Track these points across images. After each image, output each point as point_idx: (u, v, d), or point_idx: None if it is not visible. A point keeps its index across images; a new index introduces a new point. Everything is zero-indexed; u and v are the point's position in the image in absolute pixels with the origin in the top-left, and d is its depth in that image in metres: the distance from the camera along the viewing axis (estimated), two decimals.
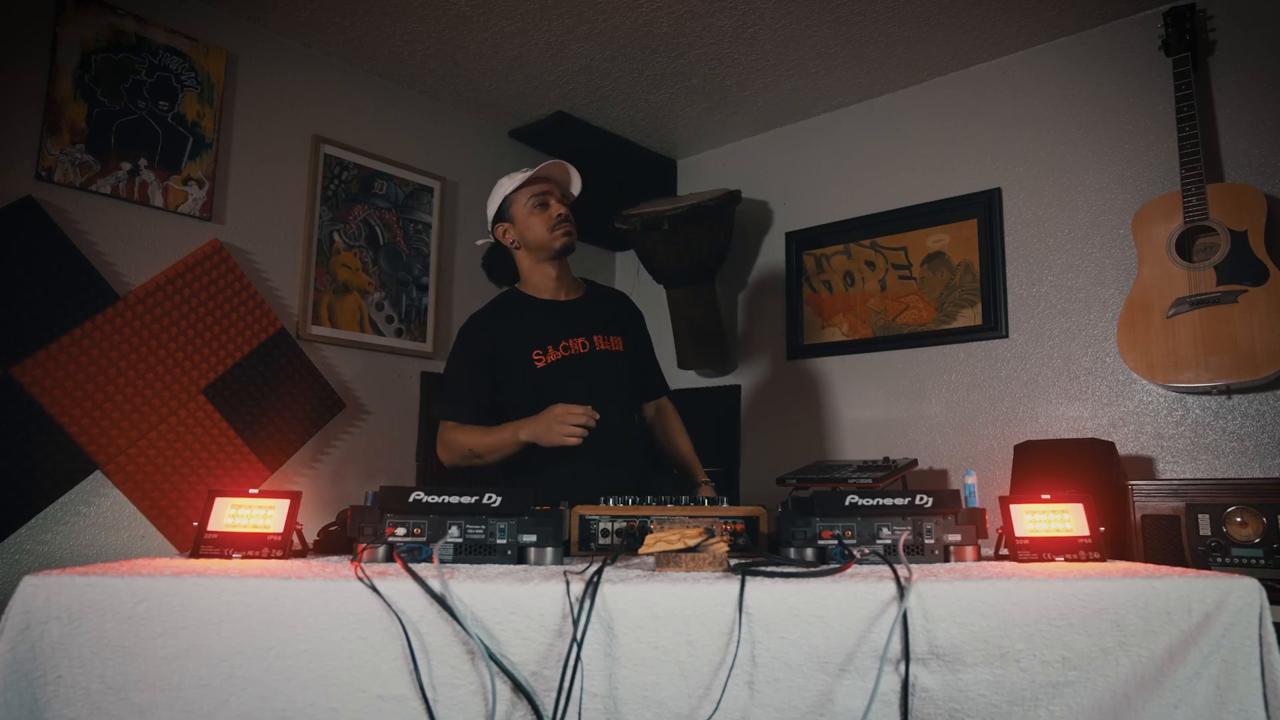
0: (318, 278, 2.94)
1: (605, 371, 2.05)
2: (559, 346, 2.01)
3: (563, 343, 2.02)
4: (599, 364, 2.04)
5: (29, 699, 0.97)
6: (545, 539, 1.26)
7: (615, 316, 2.16)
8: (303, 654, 0.99)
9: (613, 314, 2.16)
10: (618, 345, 2.09)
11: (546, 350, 2.01)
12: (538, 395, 1.94)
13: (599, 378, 2.03)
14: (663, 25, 2.83)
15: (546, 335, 2.02)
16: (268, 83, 2.87)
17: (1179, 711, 1.01)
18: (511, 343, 2.01)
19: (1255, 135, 2.49)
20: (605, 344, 2.07)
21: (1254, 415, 2.42)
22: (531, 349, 2.00)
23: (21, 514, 2.22)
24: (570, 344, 2.02)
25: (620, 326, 2.14)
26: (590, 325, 2.07)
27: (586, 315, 2.10)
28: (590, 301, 2.16)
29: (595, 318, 2.10)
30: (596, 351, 2.05)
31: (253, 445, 2.65)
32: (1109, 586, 1.05)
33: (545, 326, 2.03)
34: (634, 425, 2.16)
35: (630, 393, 2.14)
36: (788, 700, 1.00)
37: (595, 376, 2.02)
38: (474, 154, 3.52)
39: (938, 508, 1.29)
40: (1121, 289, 2.66)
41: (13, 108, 2.31)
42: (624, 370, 2.10)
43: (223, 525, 1.27)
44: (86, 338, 2.34)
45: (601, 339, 2.06)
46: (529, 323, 2.04)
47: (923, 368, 3.10)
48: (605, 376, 2.04)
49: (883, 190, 3.28)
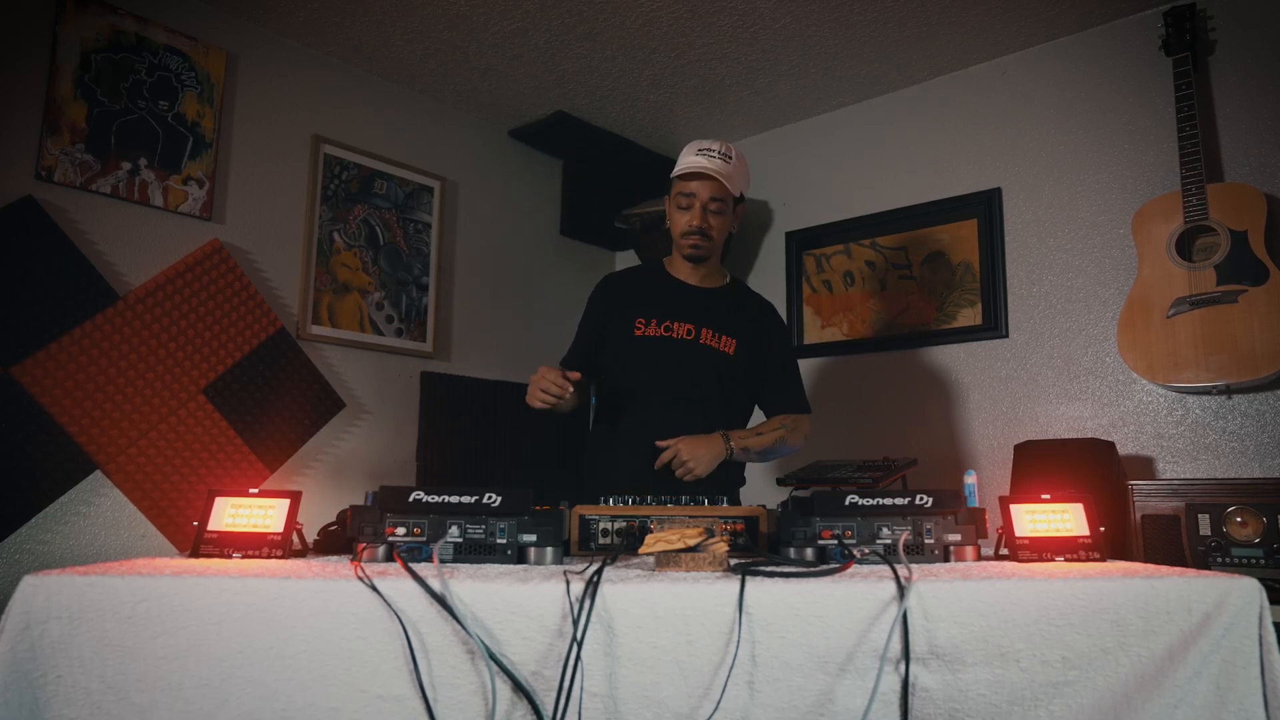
0: (318, 277, 2.94)
1: (696, 365, 1.98)
2: (662, 325, 1.98)
3: (667, 322, 1.99)
4: (693, 356, 1.98)
5: (29, 699, 0.97)
6: (545, 539, 1.26)
7: (741, 319, 2.06)
8: (303, 654, 0.99)
9: (739, 316, 2.06)
10: (726, 346, 2.01)
11: (649, 323, 1.99)
12: (627, 363, 1.98)
13: (686, 369, 1.97)
14: (663, 25, 2.83)
15: (657, 309, 2.00)
16: (268, 83, 2.87)
17: (1179, 711, 1.01)
18: (626, 305, 2.02)
19: (1255, 135, 2.49)
20: (712, 340, 2.00)
21: (1254, 415, 2.42)
22: (638, 315, 1.99)
23: (21, 514, 2.22)
24: (674, 326, 1.98)
25: (741, 330, 2.04)
26: (704, 317, 2.01)
27: (706, 306, 2.03)
28: (723, 296, 2.09)
29: (715, 312, 2.03)
30: (699, 344, 1.99)
31: (253, 445, 2.65)
32: (1109, 586, 1.05)
33: (661, 300, 2.02)
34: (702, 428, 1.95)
35: (724, 397, 2.01)
36: (788, 700, 1.00)
37: (682, 366, 1.97)
38: (474, 154, 3.52)
39: (938, 508, 1.29)
40: (1121, 289, 2.66)
41: (13, 108, 2.31)
42: (723, 371, 2.00)
43: (223, 525, 1.27)
44: (86, 338, 2.34)
45: (710, 333, 2.00)
46: (650, 292, 2.04)
47: (923, 368, 3.10)
48: (693, 370, 1.98)
49: (883, 190, 3.28)
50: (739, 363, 2.03)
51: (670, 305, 2.01)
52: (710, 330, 2.01)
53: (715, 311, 2.04)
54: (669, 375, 1.96)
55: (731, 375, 2.03)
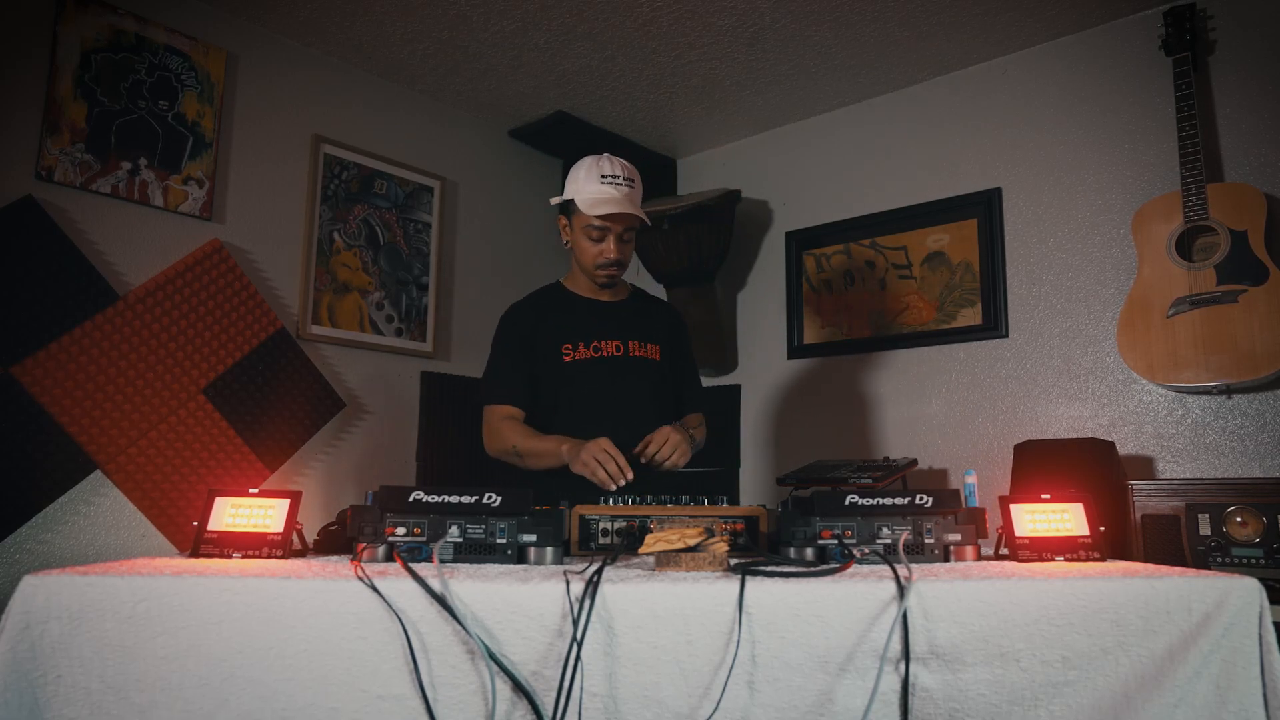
0: (318, 277, 2.94)
1: (634, 378, 2.00)
2: (590, 345, 1.98)
3: (595, 342, 1.98)
4: (629, 369, 1.99)
5: (29, 699, 0.97)
6: (545, 539, 1.26)
7: (655, 325, 2.09)
8: (303, 654, 0.99)
9: (653, 322, 2.10)
10: (654, 354, 2.04)
11: (577, 346, 1.97)
12: (561, 390, 1.94)
13: (627, 383, 1.98)
14: (663, 25, 2.83)
15: (579, 332, 1.98)
16: (268, 82, 2.87)
17: (1179, 711, 1.01)
18: (546, 333, 1.99)
19: (1255, 135, 2.49)
20: (641, 350, 2.02)
21: (1254, 415, 2.42)
22: (562, 342, 1.97)
23: (21, 514, 2.22)
24: (603, 345, 1.98)
25: (659, 336, 2.07)
26: (627, 330, 2.02)
27: (625, 319, 2.04)
28: (633, 306, 2.10)
29: (634, 323, 2.05)
30: (630, 357, 2.00)
31: (253, 445, 2.65)
32: (1109, 586, 1.05)
33: (580, 323, 2.00)
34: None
35: (661, 403, 2.03)
36: (788, 700, 1.00)
37: (623, 381, 1.98)
38: (474, 154, 3.52)
39: (938, 507, 1.29)
40: (1121, 289, 2.66)
41: (13, 108, 2.31)
42: (656, 379, 2.03)
43: (223, 525, 1.27)
44: (86, 337, 2.34)
45: (637, 345, 2.02)
46: (565, 316, 2.01)
47: (923, 368, 3.10)
48: (633, 383, 1.99)
49: (883, 190, 3.28)
50: (665, 367, 2.06)
51: (591, 325, 2.00)
52: (637, 342, 2.02)
53: (634, 323, 2.05)
54: (608, 393, 1.96)
55: (663, 381, 2.05)
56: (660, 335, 2.08)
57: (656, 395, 2.03)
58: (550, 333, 1.98)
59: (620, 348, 2.00)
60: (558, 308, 2.03)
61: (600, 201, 1.89)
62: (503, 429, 1.94)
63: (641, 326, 2.05)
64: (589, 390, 1.95)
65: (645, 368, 2.02)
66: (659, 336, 2.07)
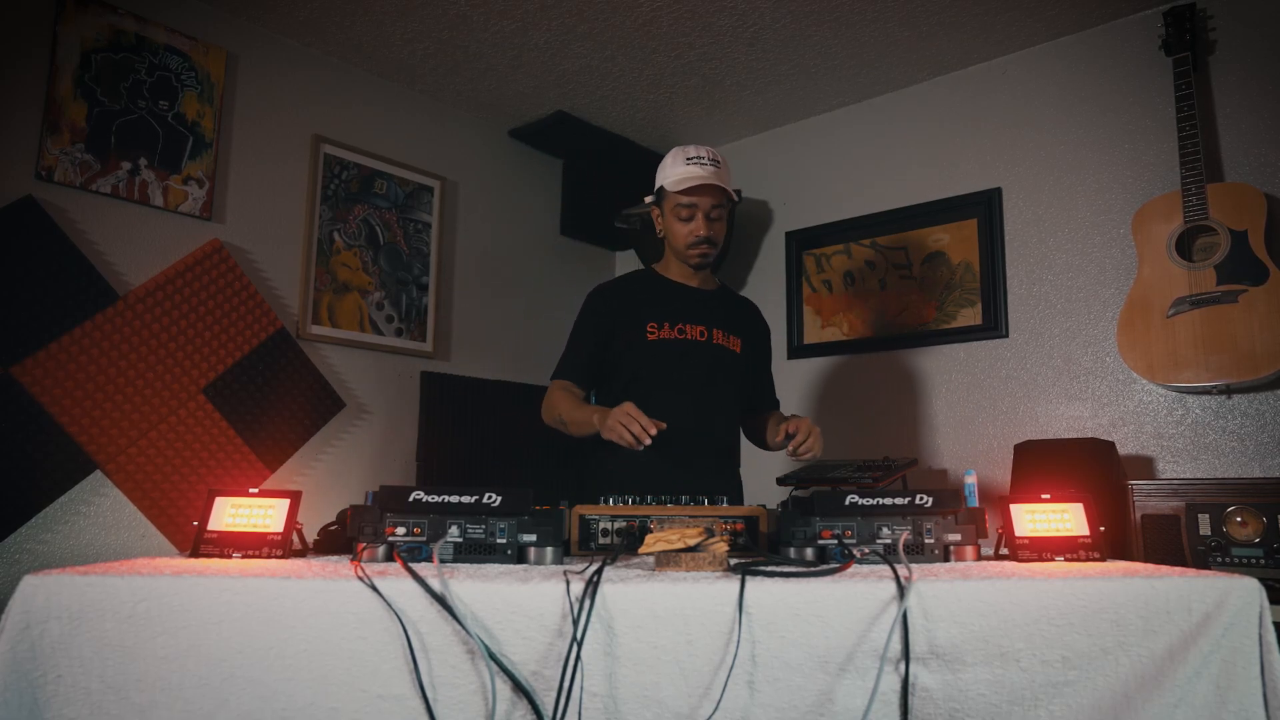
0: (318, 277, 2.94)
1: (713, 365, 2.03)
2: (675, 327, 2.02)
3: (680, 324, 2.02)
4: (709, 355, 2.03)
5: (29, 699, 0.97)
6: (545, 538, 1.26)
7: (741, 319, 2.15)
8: (303, 654, 0.99)
9: (740, 316, 2.15)
10: (735, 346, 2.08)
11: (663, 325, 2.02)
12: (643, 367, 2.00)
13: (704, 368, 2.02)
14: (663, 25, 2.83)
15: (668, 312, 2.03)
16: (268, 82, 2.87)
17: (1179, 711, 1.01)
18: (632, 310, 2.04)
19: (1255, 135, 2.49)
20: (724, 340, 2.06)
21: (1254, 415, 2.42)
22: (649, 320, 2.02)
23: (21, 514, 2.22)
24: (688, 328, 2.03)
25: (742, 330, 2.12)
26: (714, 318, 2.07)
27: (713, 307, 2.09)
28: (721, 297, 2.16)
29: (720, 313, 2.09)
30: (713, 344, 2.04)
31: (253, 445, 2.65)
32: (1109, 586, 1.05)
33: (669, 304, 2.05)
34: (719, 427, 2.07)
35: (732, 395, 2.08)
36: (788, 700, 1.00)
37: (701, 366, 2.02)
38: (474, 154, 3.52)
39: (938, 507, 1.29)
40: (1121, 289, 2.66)
41: (13, 107, 2.31)
42: (732, 371, 2.07)
43: (223, 525, 1.27)
44: (86, 337, 2.34)
45: (721, 334, 2.06)
46: (655, 296, 2.06)
47: (923, 368, 3.10)
48: (710, 369, 2.03)
49: (883, 190, 3.28)
50: (744, 361, 2.10)
51: (677, 308, 2.05)
52: (721, 331, 2.06)
53: (720, 313, 2.10)
54: (688, 375, 2.00)
55: (740, 373, 2.10)
56: (743, 330, 2.12)
57: (734, 386, 2.08)
58: (637, 311, 2.04)
59: (705, 333, 2.04)
60: (646, 289, 2.09)
61: (686, 178, 1.95)
62: (555, 399, 2.00)
63: (727, 318, 2.10)
64: (669, 367, 2.00)
65: (726, 356, 2.06)
66: (742, 331, 2.12)
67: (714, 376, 2.03)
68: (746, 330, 2.14)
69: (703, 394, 2.00)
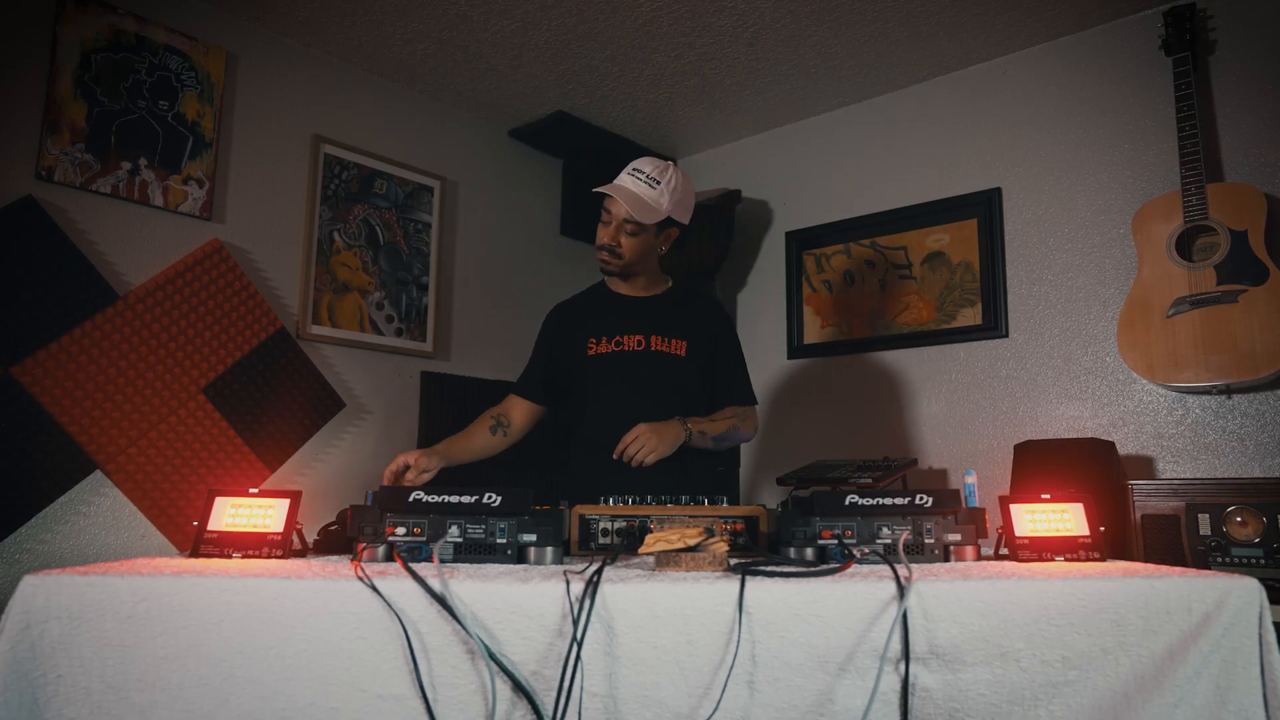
0: (318, 277, 2.94)
1: (653, 372, 2.03)
2: (612, 340, 2.05)
3: (617, 337, 2.05)
4: (646, 364, 2.03)
5: (29, 698, 0.97)
6: (545, 538, 1.26)
7: (688, 321, 2.10)
8: (303, 654, 0.99)
9: (687, 319, 2.11)
10: (678, 350, 2.06)
11: (601, 341, 2.05)
12: (588, 383, 2.05)
13: (644, 377, 2.03)
14: (663, 25, 2.83)
15: (605, 326, 2.06)
16: (268, 82, 2.87)
17: (1179, 711, 1.01)
18: (576, 329, 2.10)
19: (1255, 135, 2.49)
20: (662, 345, 2.05)
21: (1254, 415, 2.42)
22: (590, 336, 2.06)
23: (21, 514, 2.22)
24: (625, 340, 2.04)
25: (689, 332, 2.08)
26: (653, 325, 2.06)
27: (652, 314, 2.08)
28: (666, 302, 2.13)
29: (661, 318, 2.08)
30: (651, 352, 2.04)
31: (253, 445, 2.65)
32: (1109, 586, 1.05)
33: (608, 318, 2.08)
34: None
35: (684, 398, 2.04)
36: (788, 700, 1.00)
37: (640, 375, 2.03)
38: (474, 154, 3.52)
39: (938, 507, 1.29)
40: (1121, 289, 2.66)
41: (13, 108, 2.31)
42: (676, 374, 2.05)
43: (223, 525, 1.27)
44: (86, 337, 2.34)
45: (660, 340, 2.05)
46: (596, 311, 2.10)
47: (923, 368, 3.10)
48: (651, 377, 2.03)
49: (883, 190, 3.28)
50: (691, 363, 2.07)
51: (617, 321, 2.07)
52: (660, 337, 2.06)
53: (662, 318, 2.08)
54: (626, 386, 2.03)
55: (686, 376, 2.07)
56: (691, 330, 2.09)
57: (678, 390, 2.05)
58: (581, 328, 2.09)
59: (642, 342, 2.05)
60: (592, 305, 2.14)
61: (611, 185, 1.98)
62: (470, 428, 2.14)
63: (669, 321, 2.08)
64: (608, 382, 2.03)
65: (665, 362, 2.05)
66: (689, 332, 2.08)
67: (653, 385, 2.02)
68: (695, 330, 2.09)
69: (642, 404, 1.96)
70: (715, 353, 2.12)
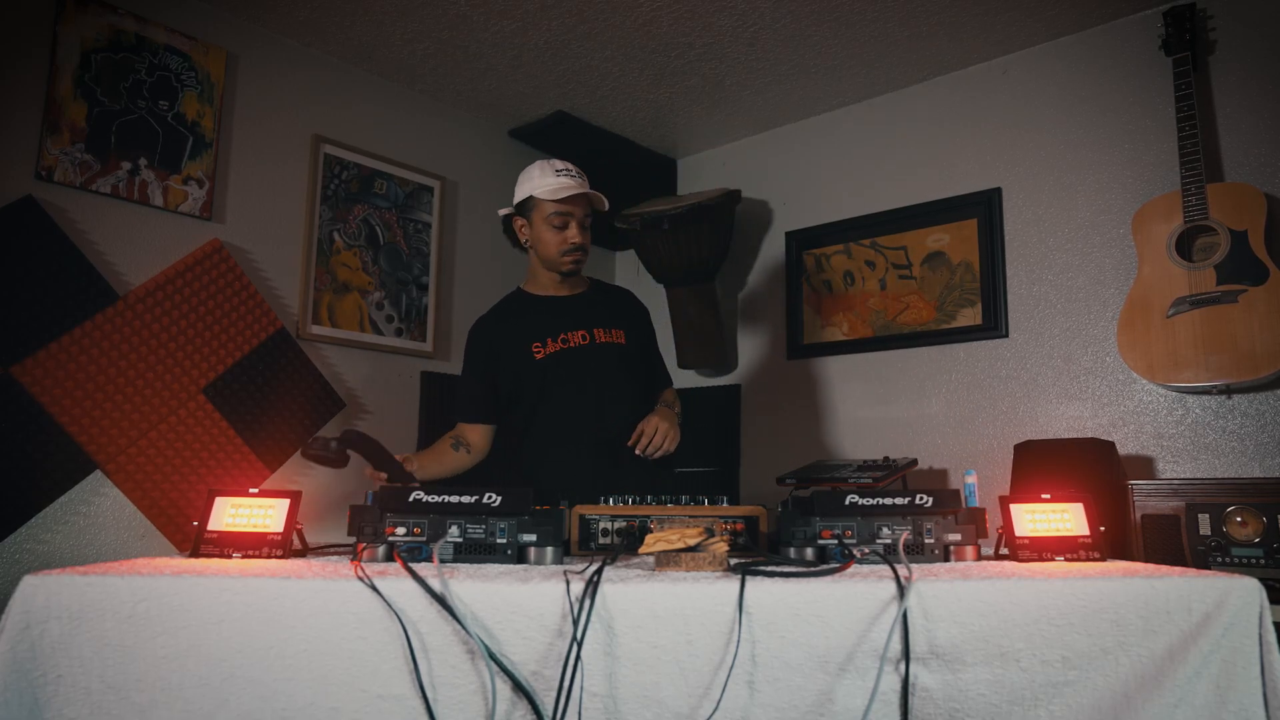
0: (318, 277, 2.94)
1: (606, 363, 2.08)
2: (557, 339, 2.06)
3: (561, 335, 2.07)
4: (599, 355, 2.08)
5: (29, 698, 0.97)
6: (545, 538, 1.26)
7: (618, 311, 2.19)
8: (303, 654, 0.99)
9: (615, 308, 2.20)
10: (619, 338, 2.12)
11: (545, 342, 2.06)
12: (538, 386, 2.05)
13: (599, 369, 2.07)
14: (663, 25, 2.83)
15: (545, 329, 2.07)
16: (268, 82, 2.87)
17: (1179, 711, 1.01)
18: (512, 338, 2.08)
19: (1255, 135, 2.49)
20: (606, 336, 2.10)
21: (1254, 415, 2.42)
22: (531, 342, 2.06)
23: (21, 514, 2.22)
24: (569, 336, 2.07)
25: (622, 320, 2.16)
26: (590, 319, 2.11)
27: (587, 309, 2.13)
28: (592, 296, 2.19)
29: (596, 312, 2.14)
30: (597, 344, 2.09)
31: (253, 445, 2.65)
32: (1109, 586, 1.05)
33: (544, 320, 2.09)
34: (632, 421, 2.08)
35: (635, 385, 2.14)
36: (788, 700, 1.00)
37: (595, 367, 2.07)
38: (474, 154, 3.52)
39: (938, 507, 1.29)
40: (1121, 289, 2.66)
41: (13, 107, 2.31)
42: (627, 362, 2.12)
43: (223, 525, 1.27)
44: (86, 337, 2.34)
45: (602, 332, 2.10)
46: (529, 318, 2.11)
47: (923, 368, 3.10)
48: (606, 368, 2.08)
49: (883, 190, 3.28)
50: (633, 349, 2.15)
51: (553, 322, 2.09)
52: (602, 329, 2.11)
53: (596, 312, 2.14)
54: (584, 380, 2.05)
55: (631, 362, 2.14)
56: (623, 319, 2.17)
57: (631, 376, 2.13)
58: (517, 336, 2.08)
59: (586, 336, 2.09)
60: (521, 312, 2.14)
61: (560, 188, 2.01)
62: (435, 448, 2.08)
63: (603, 314, 2.14)
64: (564, 380, 2.05)
65: (613, 351, 2.11)
66: (622, 322, 2.16)
67: (609, 374, 2.08)
68: (626, 319, 2.17)
69: (605, 394, 2.04)
70: (645, 341, 2.23)
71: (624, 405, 2.06)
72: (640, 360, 2.18)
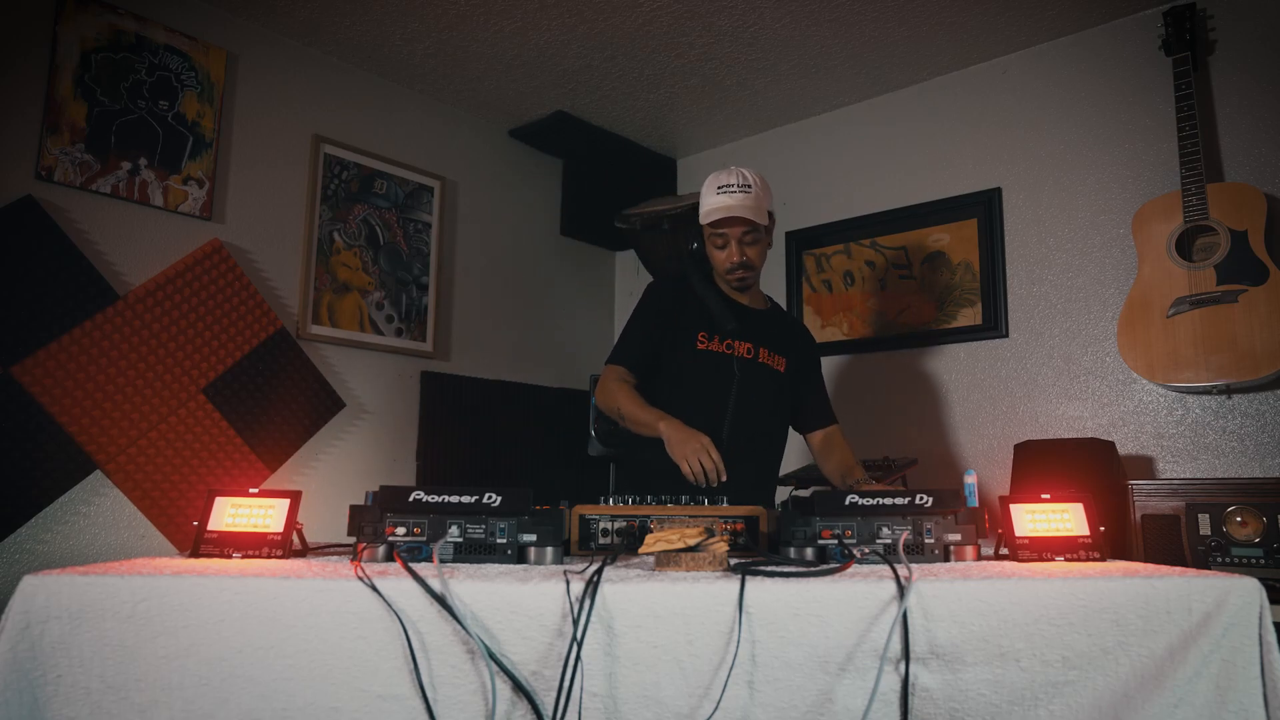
0: (318, 277, 2.94)
1: (756, 382, 2.05)
2: (724, 341, 2.05)
3: (729, 341, 2.05)
4: (755, 373, 2.06)
5: (29, 698, 0.97)
6: (545, 538, 1.26)
7: (787, 339, 2.18)
8: (303, 653, 0.99)
9: (786, 336, 2.18)
10: (779, 365, 2.11)
11: (713, 338, 2.05)
12: (687, 375, 2.03)
13: (748, 384, 2.03)
14: (663, 25, 2.83)
15: (719, 325, 2.05)
16: (268, 82, 2.87)
17: (1179, 711, 1.01)
18: (688, 314, 2.07)
19: (1255, 135, 2.49)
20: (768, 359, 2.09)
21: (1254, 415, 2.42)
22: (700, 329, 2.05)
23: (21, 514, 2.22)
24: (735, 345, 2.05)
25: (788, 349, 2.15)
26: (760, 337, 2.10)
27: (760, 327, 2.12)
28: (769, 318, 2.19)
29: (768, 332, 2.13)
30: (759, 362, 2.07)
31: (253, 445, 2.65)
32: (1109, 586, 1.04)
33: (722, 317, 2.06)
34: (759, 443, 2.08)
35: (774, 412, 2.12)
36: (788, 699, 1.00)
37: (745, 382, 2.03)
38: (474, 154, 3.52)
39: (938, 507, 1.29)
40: (1121, 289, 2.66)
41: (13, 107, 2.31)
42: (776, 389, 2.11)
43: (223, 525, 1.27)
44: (86, 337, 2.34)
45: (767, 352, 2.09)
46: (711, 305, 2.07)
47: (923, 368, 3.10)
48: (754, 386, 2.05)
49: (883, 190, 3.28)
50: (788, 380, 2.14)
51: (729, 322, 2.06)
52: (767, 350, 2.10)
53: (768, 332, 2.13)
54: (731, 390, 2.02)
55: (783, 391, 2.13)
56: (789, 350, 2.16)
57: (774, 404, 2.12)
58: (690, 316, 2.06)
59: (751, 350, 2.08)
60: (704, 295, 2.09)
61: (712, 210, 1.99)
62: (615, 389, 2.00)
63: (774, 337, 2.14)
64: (712, 381, 2.02)
65: (769, 375, 2.10)
66: (788, 350, 2.15)
67: (757, 393, 2.05)
68: (792, 350, 2.16)
69: (743, 410, 2.01)
70: (809, 373, 2.23)
71: (757, 427, 2.03)
72: (789, 392, 2.15)
